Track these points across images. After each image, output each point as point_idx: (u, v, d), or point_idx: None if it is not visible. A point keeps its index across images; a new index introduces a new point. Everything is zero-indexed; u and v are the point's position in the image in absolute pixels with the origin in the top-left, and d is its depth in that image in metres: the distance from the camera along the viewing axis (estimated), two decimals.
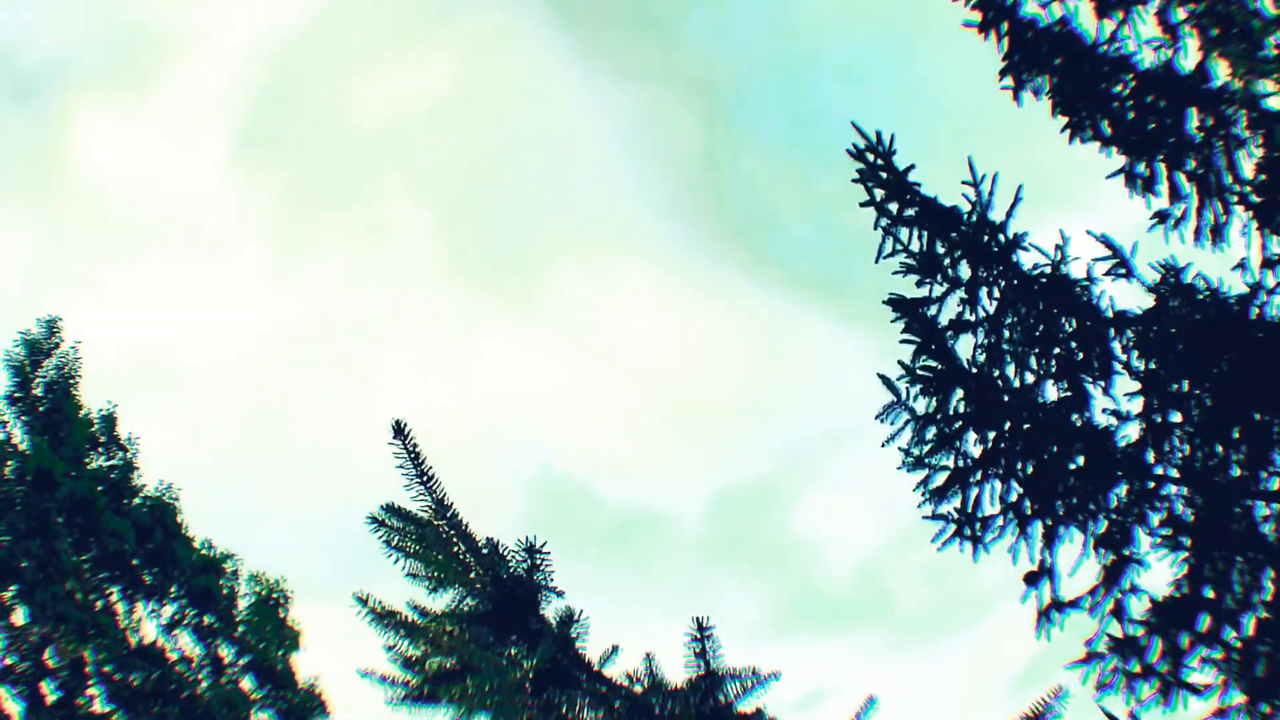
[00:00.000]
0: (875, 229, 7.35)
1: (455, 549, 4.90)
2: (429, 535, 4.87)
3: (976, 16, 8.03)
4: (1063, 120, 7.96)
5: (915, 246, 7.38)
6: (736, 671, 4.74)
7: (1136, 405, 7.34)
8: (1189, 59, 8.20)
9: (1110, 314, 7.48)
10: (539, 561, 4.92)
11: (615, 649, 4.87)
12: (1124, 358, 7.44)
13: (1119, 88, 8.08)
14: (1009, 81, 7.97)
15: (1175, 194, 7.98)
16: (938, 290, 7.37)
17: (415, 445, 4.77)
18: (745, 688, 4.74)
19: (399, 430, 4.74)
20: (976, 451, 7.23)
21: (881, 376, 7.19)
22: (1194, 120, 8.05)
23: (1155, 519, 7.24)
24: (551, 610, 4.92)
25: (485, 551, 4.89)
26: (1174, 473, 7.30)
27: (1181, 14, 8.27)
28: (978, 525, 7.11)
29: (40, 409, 19.82)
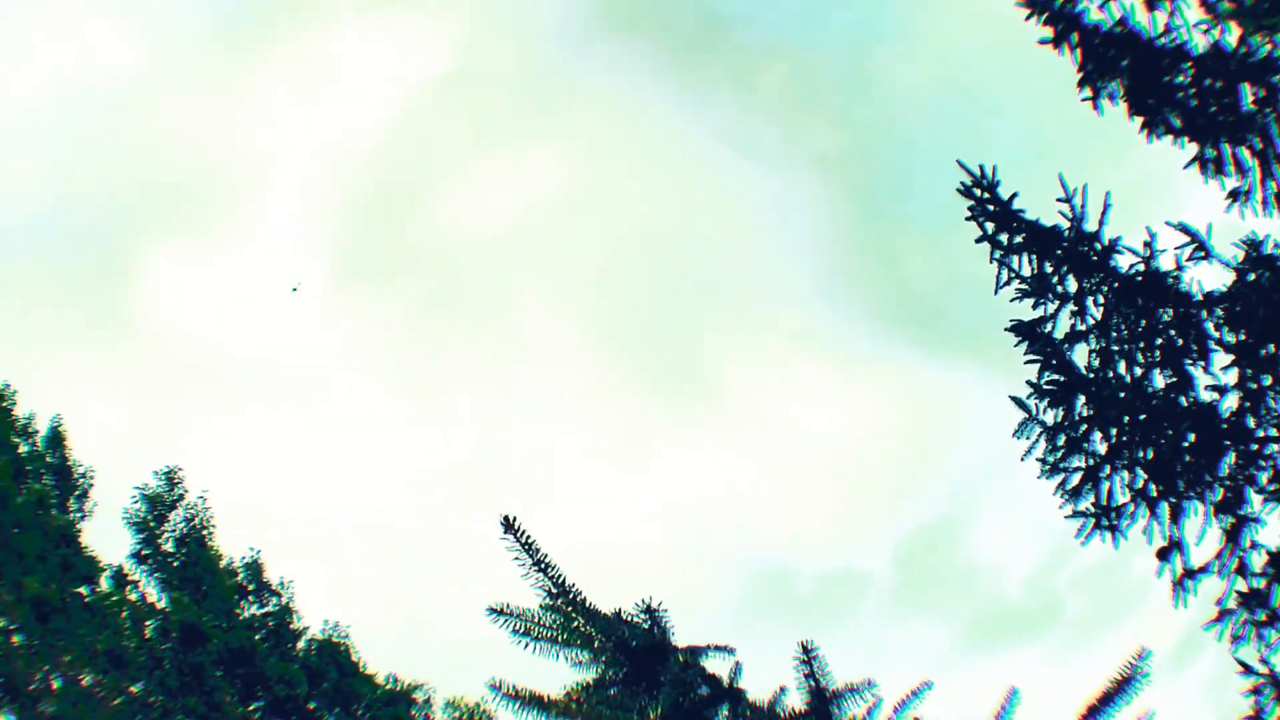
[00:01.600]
0: (990, 262, 8.10)
1: (578, 624, 5.29)
2: (548, 618, 5.27)
3: (1049, 32, 8.60)
4: (1138, 121, 8.61)
5: (1026, 271, 8.14)
6: (852, 686, 5.22)
7: (1233, 376, 8.24)
8: (1233, 36, 8.83)
9: (1200, 297, 8.32)
10: (659, 620, 5.33)
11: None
12: (1216, 335, 8.31)
13: (1180, 77, 8.72)
14: (1087, 92, 8.59)
15: (1241, 170, 8.71)
16: (1050, 308, 8.16)
17: (527, 536, 5.15)
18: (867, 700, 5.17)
19: (508, 525, 5.11)
20: (1103, 449, 8.13)
21: (1013, 398, 8.03)
22: (1248, 96, 8.74)
23: (1263, 477, 8.21)
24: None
25: (608, 621, 5.32)
26: (1274, 432, 8.25)
27: None
28: (1113, 515, 8.06)
29: (174, 564, 19.47)
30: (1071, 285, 8.21)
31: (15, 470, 19.76)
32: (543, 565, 5.22)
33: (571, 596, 5.27)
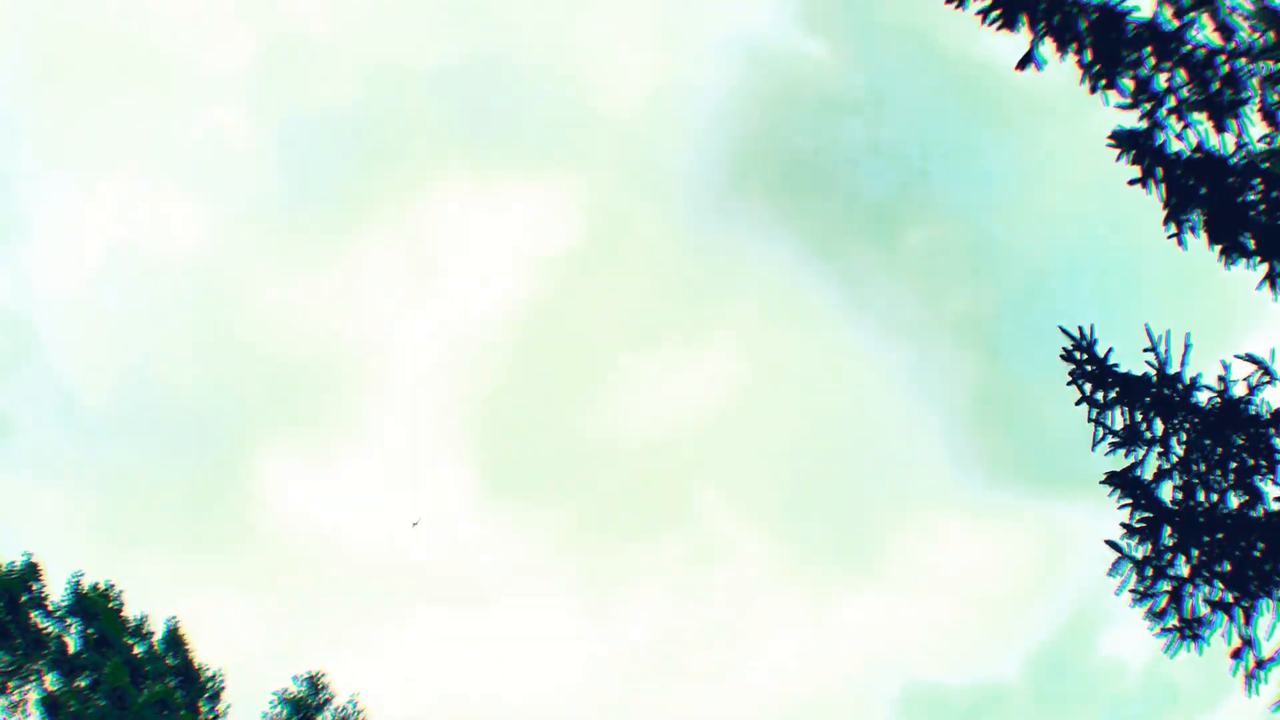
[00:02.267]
0: (1088, 421, 8.76)
1: None
2: None
3: (1136, 171, 8.88)
4: (1217, 249, 9.04)
5: (1119, 424, 8.82)
6: None
7: None
8: None
9: (1268, 415, 9.08)
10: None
11: None
12: None
13: (1251, 195, 9.11)
14: (1172, 228, 8.98)
15: None
16: (1140, 454, 8.90)
17: None
18: None
19: None
20: (1185, 571, 9.08)
21: (1108, 542, 8.90)
22: None
23: None
24: None
25: None
26: None
27: (1276, 97, 9.11)
28: (1195, 626, 9.10)
29: None
30: (1158, 428, 8.90)
31: (132, 670, 19.84)
32: None
33: None
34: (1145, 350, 8.76)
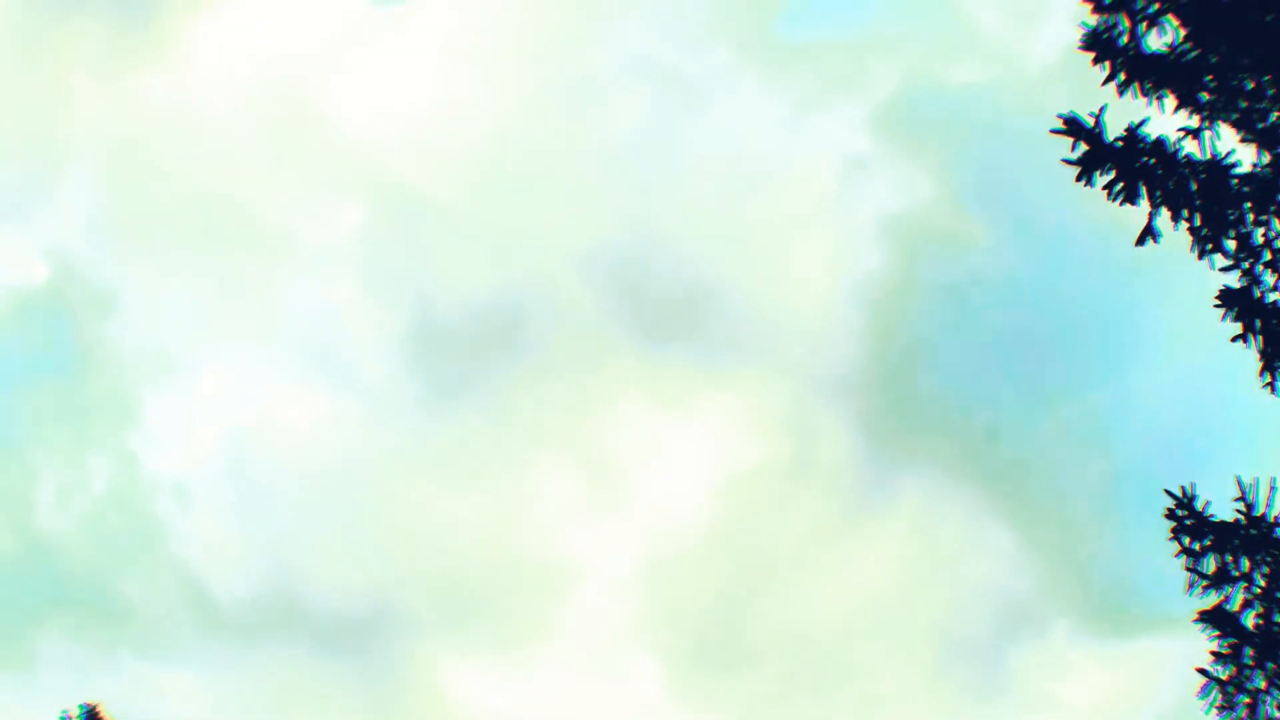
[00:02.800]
0: (1184, 569, 9.43)
1: None
2: None
3: (1238, 327, 9.34)
4: None
5: (1210, 568, 9.51)
6: None
7: None
8: None
9: None
10: None
11: None
12: None
13: None
14: (1267, 377, 9.50)
15: None
16: (1228, 590, 9.62)
17: None
18: None
19: None
20: (1262, 683, 9.94)
21: (1198, 669, 9.68)
22: None
23: None
24: None
25: None
26: None
27: None
28: None
29: None
30: (1245, 564, 9.61)
31: None
32: None
33: None
34: (1235, 500, 9.39)
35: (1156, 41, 9.91)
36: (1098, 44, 9.35)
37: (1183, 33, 9.73)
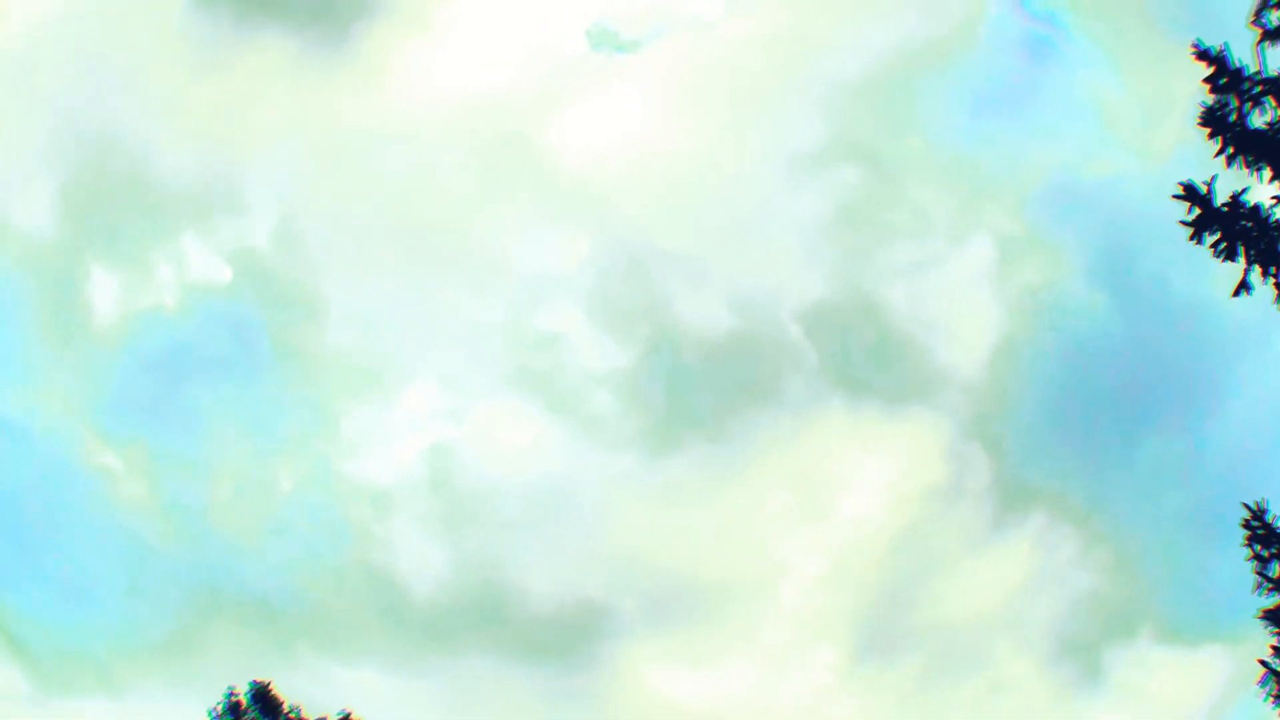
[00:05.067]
0: (1254, 574, 11.09)
1: None
2: None
3: None
4: None
5: (1274, 573, 11.16)
6: None
7: None
8: None
9: None
10: None
11: None
12: None
13: None
14: None
15: None
16: None
17: None
18: None
19: None
20: None
21: (1260, 660, 11.32)
22: None
23: None
24: None
25: None
26: None
27: None
28: None
29: None
30: None
31: None
32: None
33: None
34: None
35: (1259, 120, 11.57)
36: (1212, 120, 11.02)
37: None
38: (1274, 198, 11.43)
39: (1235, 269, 10.71)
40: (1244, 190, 11.05)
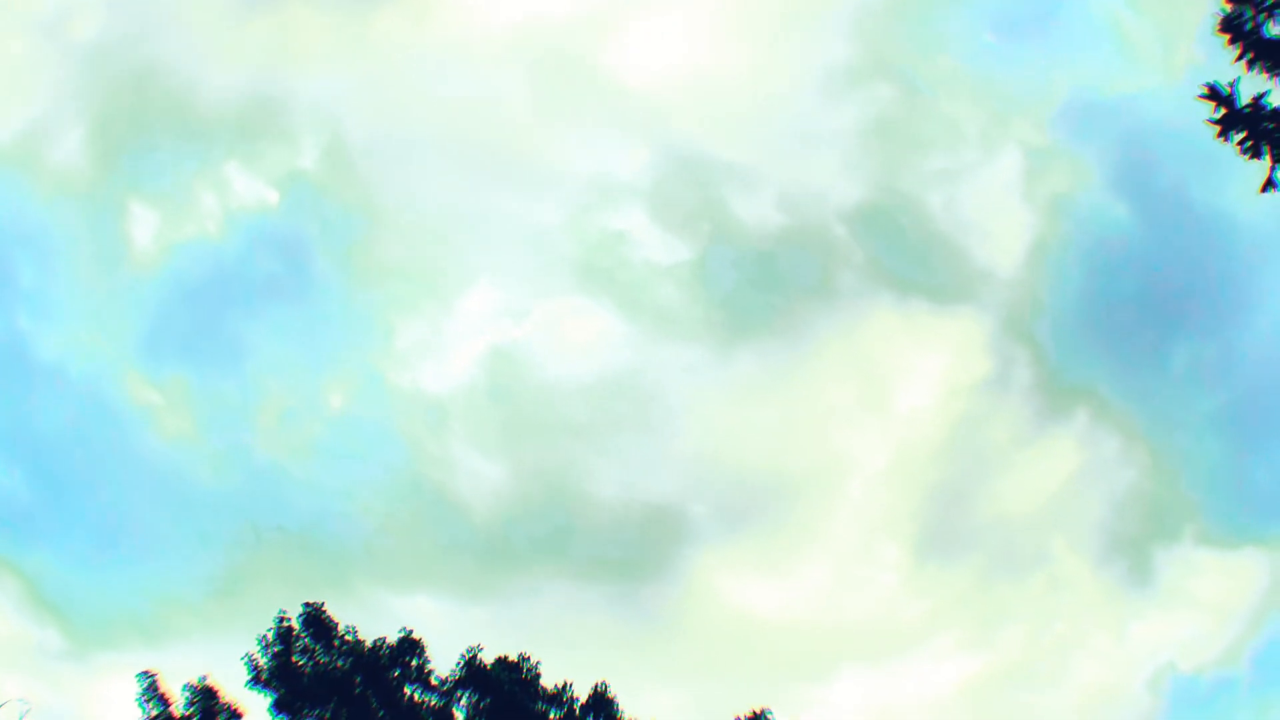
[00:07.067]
0: None
1: None
2: None
3: None
4: None
5: None
6: None
7: None
8: None
9: None
10: None
11: None
12: None
13: None
14: None
15: None
16: None
17: None
18: None
19: None
20: None
21: None
22: None
23: None
24: None
25: None
26: None
27: None
28: None
29: None
30: None
31: None
32: None
33: None
34: None
35: (1275, 29, 11.91)
36: (1230, 27, 11.35)
37: None
38: None
39: (1260, 169, 11.06)
40: (1264, 94, 11.41)
